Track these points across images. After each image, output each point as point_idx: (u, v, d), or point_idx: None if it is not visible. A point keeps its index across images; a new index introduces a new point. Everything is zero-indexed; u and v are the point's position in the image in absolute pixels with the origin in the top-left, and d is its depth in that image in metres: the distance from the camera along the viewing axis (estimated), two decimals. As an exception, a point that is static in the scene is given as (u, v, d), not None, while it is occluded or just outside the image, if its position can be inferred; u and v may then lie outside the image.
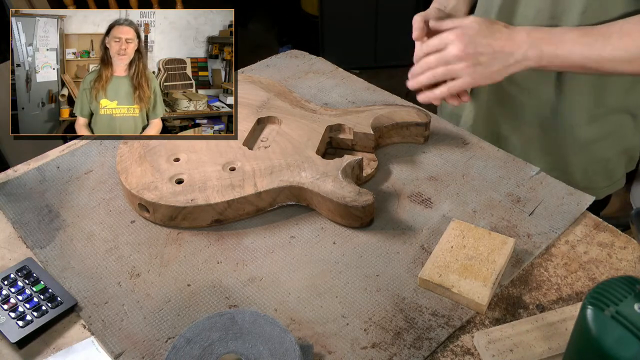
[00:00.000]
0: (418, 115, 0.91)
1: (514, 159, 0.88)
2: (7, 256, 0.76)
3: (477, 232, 0.73)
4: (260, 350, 0.59)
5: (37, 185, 0.87)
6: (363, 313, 0.67)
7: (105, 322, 0.67)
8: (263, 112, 0.92)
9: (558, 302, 0.67)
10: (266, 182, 0.78)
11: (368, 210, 0.76)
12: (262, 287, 0.70)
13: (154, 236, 0.77)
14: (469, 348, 0.63)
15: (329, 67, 1.15)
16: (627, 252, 0.73)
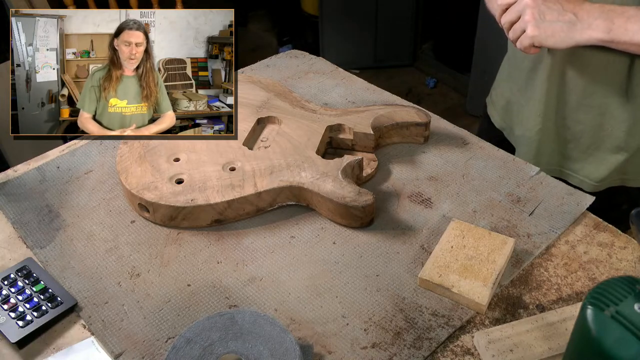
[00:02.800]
0: (418, 115, 0.91)
1: (514, 159, 0.88)
2: (7, 256, 0.76)
3: (477, 232, 0.73)
4: (260, 350, 0.59)
5: (37, 185, 0.87)
6: (363, 313, 0.67)
7: (105, 322, 0.67)
8: (263, 112, 0.92)
9: (558, 302, 0.67)
10: (266, 182, 0.78)
11: (368, 210, 0.76)
12: (262, 287, 0.70)
13: (154, 236, 0.77)
14: (469, 348, 0.63)
15: (329, 67, 1.15)
16: (627, 252, 0.73)
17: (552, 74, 0.88)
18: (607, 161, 0.92)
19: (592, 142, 0.92)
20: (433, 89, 2.69)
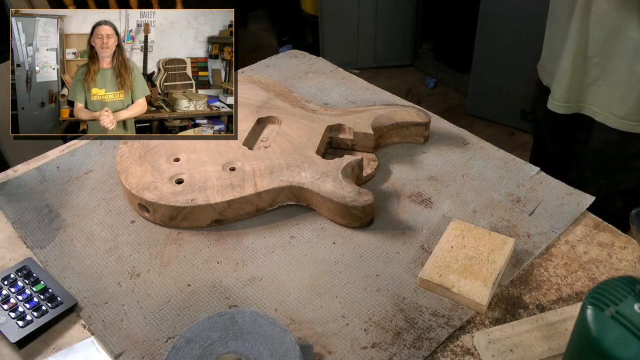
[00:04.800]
0: (418, 115, 0.91)
1: (514, 159, 0.89)
2: (7, 256, 0.76)
3: (477, 232, 0.73)
4: (260, 350, 0.59)
5: (37, 185, 0.87)
6: (363, 313, 0.67)
7: (105, 322, 0.67)
8: (263, 112, 0.92)
9: (558, 302, 0.67)
10: (266, 182, 0.78)
11: (368, 210, 0.76)
12: (262, 287, 0.70)
13: (154, 236, 0.77)
14: (469, 348, 0.63)
15: (329, 67, 1.15)
16: (627, 252, 0.73)
17: (585, 12, 0.92)
18: (631, 97, 0.95)
19: (619, 79, 0.94)
20: (433, 89, 2.69)
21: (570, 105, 1.02)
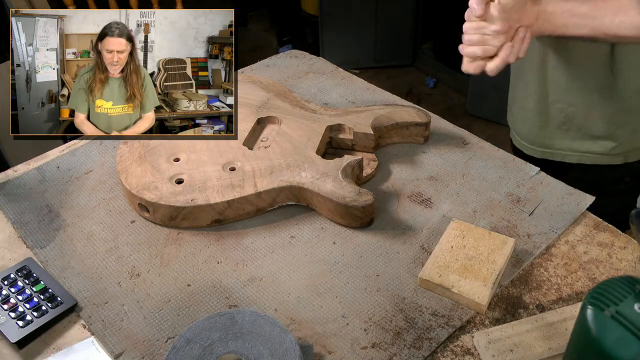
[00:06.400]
0: (418, 115, 0.91)
1: (513, 159, 0.89)
2: (7, 256, 0.76)
3: (477, 232, 0.73)
4: (260, 350, 0.59)
5: (37, 185, 0.87)
6: (363, 313, 0.67)
7: (105, 322, 0.67)
8: (263, 112, 0.92)
9: (558, 302, 0.67)
10: (266, 182, 0.78)
11: (368, 210, 0.76)
12: (262, 287, 0.70)
13: (154, 236, 0.77)
14: (469, 348, 0.63)
15: (329, 67, 1.15)
16: (627, 252, 0.73)
17: (542, 60, 0.92)
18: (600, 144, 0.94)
19: (583, 124, 0.94)
20: (433, 89, 2.69)
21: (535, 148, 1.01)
